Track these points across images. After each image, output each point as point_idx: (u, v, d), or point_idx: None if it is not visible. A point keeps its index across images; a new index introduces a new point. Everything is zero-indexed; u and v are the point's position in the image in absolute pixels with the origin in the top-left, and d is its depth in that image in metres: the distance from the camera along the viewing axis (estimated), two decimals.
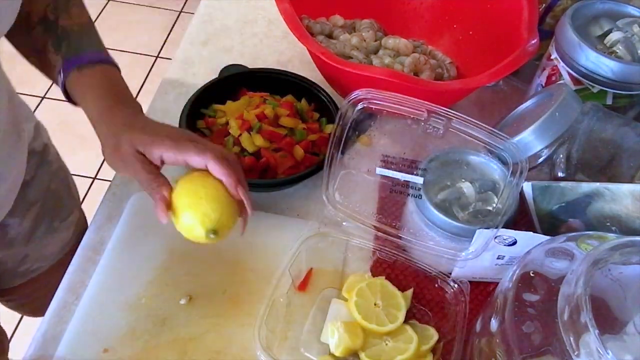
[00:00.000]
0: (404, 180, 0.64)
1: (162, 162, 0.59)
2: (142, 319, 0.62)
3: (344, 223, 0.68)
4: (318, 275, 0.67)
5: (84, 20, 0.69)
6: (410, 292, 0.66)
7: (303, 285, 0.66)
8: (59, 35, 0.66)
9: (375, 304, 0.63)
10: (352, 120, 0.63)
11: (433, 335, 0.62)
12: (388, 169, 0.64)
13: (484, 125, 0.60)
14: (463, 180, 0.65)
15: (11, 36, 0.67)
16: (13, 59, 0.72)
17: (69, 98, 0.66)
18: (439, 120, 0.61)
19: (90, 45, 0.67)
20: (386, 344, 0.60)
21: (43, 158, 0.84)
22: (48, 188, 0.84)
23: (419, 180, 0.63)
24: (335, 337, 0.60)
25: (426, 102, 0.61)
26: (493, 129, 0.60)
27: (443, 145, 0.65)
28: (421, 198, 0.63)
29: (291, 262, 0.65)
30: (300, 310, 0.64)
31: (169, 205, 0.57)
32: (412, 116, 0.62)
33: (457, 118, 0.60)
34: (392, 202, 0.75)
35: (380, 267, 0.69)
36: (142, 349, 0.60)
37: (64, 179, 0.90)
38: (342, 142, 0.64)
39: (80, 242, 0.70)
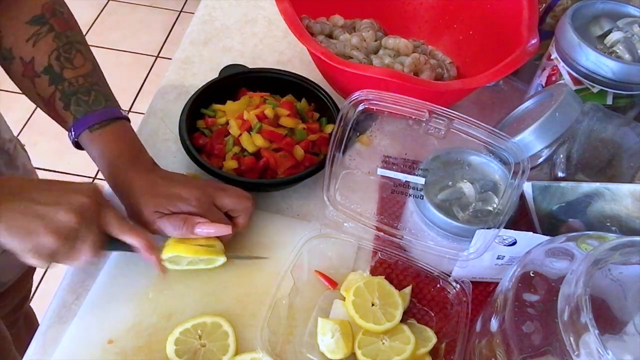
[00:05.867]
0: (405, 181, 0.64)
1: None
2: (148, 313, 0.63)
3: (345, 224, 0.68)
4: (319, 276, 0.67)
5: (89, 69, 0.69)
6: (408, 289, 0.66)
7: (333, 284, 0.66)
8: (66, 90, 0.67)
9: (372, 303, 0.63)
10: (353, 121, 0.63)
11: (431, 337, 0.62)
12: (389, 169, 0.64)
13: (485, 125, 0.60)
14: (464, 180, 0.65)
15: (14, 79, 0.69)
16: None
17: (78, 146, 0.68)
18: (440, 121, 0.61)
19: (99, 103, 0.67)
20: (383, 343, 0.60)
21: (12, 161, 0.81)
22: None
23: (420, 180, 0.63)
24: (330, 340, 0.60)
25: (427, 103, 0.61)
26: (494, 129, 0.60)
27: (444, 146, 0.65)
28: (422, 198, 0.63)
29: (293, 263, 0.65)
30: (302, 312, 0.64)
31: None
32: (413, 117, 0.62)
33: (458, 118, 0.60)
34: (392, 202, 0.75)
35: (381, 268, 0.69)
36: (147, 342, 0.61)
37: None
38: (343, 142, 0.64)
39: None
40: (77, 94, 0.67)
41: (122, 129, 0.68)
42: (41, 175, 0.93)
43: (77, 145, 0.68)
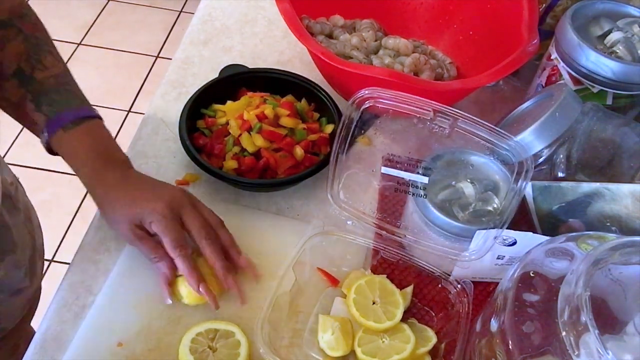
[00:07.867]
0: (409, 180, 0.64)
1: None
2: (158, 317, 0.63)
3: (348, 222, 0.68)
4: (321, 273, 0.67)
5: (60, 70, 0.68)
6: (409, 289, 0.66)
7: (335, 281, 0.67)
8: (37, 91, 0.65)
9: (373, 302, 0.63)
10: (357, 119, 0.63)
11: (432, 337, 0.62)
12: (393, 168, 0.64)
13: (490, 125, 0.60)
14: (465, 180, 0.65)
15: None
16: None
17: (51, 151, 0.67)
18: (445, 120, 0.61)
19: (71, 103, 0.66)
20: (383, 341, 0.60)
21: (14, 205, 0.77)
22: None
23: (424, 179, 0.63)
24: (330, 337, 0.60)
25: (432, 102, 0.61)
26: (499, 130, 0.59)
27: (449, 145, 0.65)
28: (426, 197, 0.63)
29: (295, 260, 0.65)
30: (303, 308, 0.64)
31: (171, 279, 0.63)
32: (418, 115, 0.61)
33: (463, 118, 0.60)
34: (395, 201, 0.75)
35: (383, 266, 0.69)
36: (156, 345, 0.61)
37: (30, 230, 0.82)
38: (348, 140, 0.63)
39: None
40: (49, 94, 0.65)
41: (95, 127, 0.67)
42: (39, 174, 0.93)
43: (50, 150, 0.66)
